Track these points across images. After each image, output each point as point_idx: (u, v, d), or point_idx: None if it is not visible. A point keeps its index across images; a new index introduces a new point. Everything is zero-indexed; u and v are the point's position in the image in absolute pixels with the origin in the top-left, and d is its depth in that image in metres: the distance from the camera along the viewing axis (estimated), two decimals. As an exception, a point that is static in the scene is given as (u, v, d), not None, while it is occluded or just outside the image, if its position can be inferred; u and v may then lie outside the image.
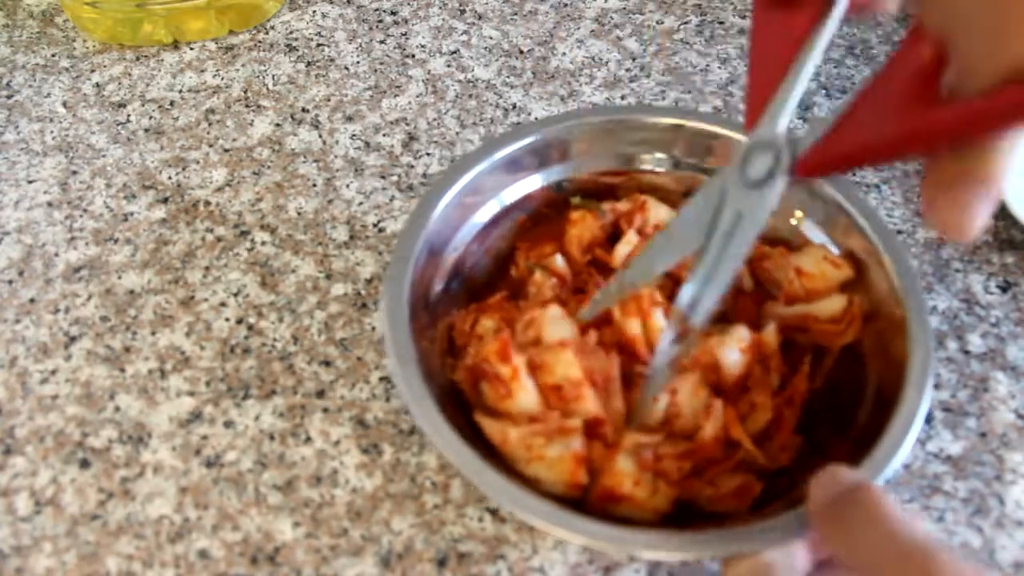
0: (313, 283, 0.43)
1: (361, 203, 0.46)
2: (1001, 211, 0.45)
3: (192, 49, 0.54)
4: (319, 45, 0.54)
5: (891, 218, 0.46)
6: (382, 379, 0.39)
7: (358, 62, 0.53)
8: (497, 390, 0.32)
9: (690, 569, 0.35)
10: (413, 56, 0.53)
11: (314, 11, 0.56)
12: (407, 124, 0.50)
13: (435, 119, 0.50)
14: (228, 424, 0.38)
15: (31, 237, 0.45)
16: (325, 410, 0.39)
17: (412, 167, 0.48)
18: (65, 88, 0.52)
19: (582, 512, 0.29)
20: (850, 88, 0.51)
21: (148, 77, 0.52)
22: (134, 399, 0.39)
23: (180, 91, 0.51)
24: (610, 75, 0.52)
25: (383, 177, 0.47)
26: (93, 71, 0.53)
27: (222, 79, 0.52)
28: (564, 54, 0.53)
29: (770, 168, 0.28)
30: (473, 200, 0.38)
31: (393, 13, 0.56)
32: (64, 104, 0.51)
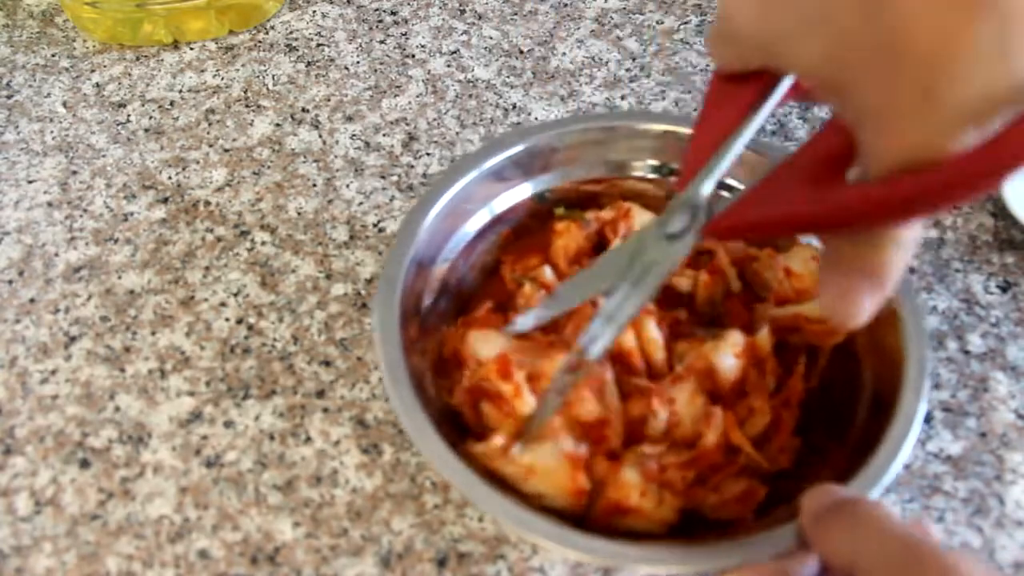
0: (313, 283, 0.43)
1: (361, 203, 0.46)
2: (1001, 211, 0.45)
3: (192, 49, 0.54)
4: (319, 45, 0.54)
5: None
6: (382, 379, 0.39)
7: (358, 62, 0.53)
8: (500, 408, 0.32)
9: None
10: (413, 56, 0.53)
11: (314, 11, 0.56)
12: (407, 124, 0.50)
13: (435, 119, 0.50)
14: (228, 424, 0.38)
15: (31, 237, 0.45)
16: (325, 410, 0.39)
17: (412, 167, 0.48)
18: (65, 88, 0.52)
19: (587, 527, 0.29)
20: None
21: (148, 77, 0.52)
22: (134, 399, 0.39)
23: (180, 91, 0.51)
24: (610, 75, 0.52)
25: (383, 177, 0.47)
26: (93, 71, 0.53)
27: (222, 79, 0.52)
28: (564, 54, 0.53)
29: (686, 226, 0.29)
30: (462, 210, 0.38)
31: (393, 13, 0.56)
32: (64, 104, 0.51)
